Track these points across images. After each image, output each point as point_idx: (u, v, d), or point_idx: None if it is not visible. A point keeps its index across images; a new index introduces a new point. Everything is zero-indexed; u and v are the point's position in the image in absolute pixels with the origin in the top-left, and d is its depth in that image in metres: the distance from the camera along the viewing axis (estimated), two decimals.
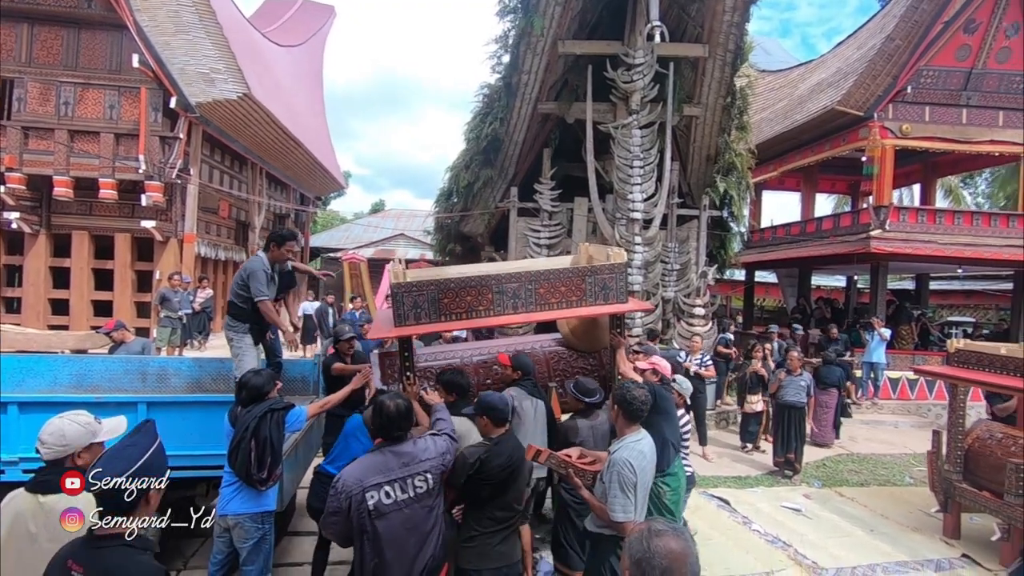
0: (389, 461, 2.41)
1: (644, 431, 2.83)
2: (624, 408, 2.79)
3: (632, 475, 2.61)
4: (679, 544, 1.35)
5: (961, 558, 4.82)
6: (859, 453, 8.04)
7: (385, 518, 2.33)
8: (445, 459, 2.54)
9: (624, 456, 2.67)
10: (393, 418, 2.47)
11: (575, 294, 3.67)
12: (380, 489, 2.33)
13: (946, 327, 16.56)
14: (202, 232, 13.02)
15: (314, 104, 21.54)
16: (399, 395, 2.60)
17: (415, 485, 2.40)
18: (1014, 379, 4.71)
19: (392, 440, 2.49)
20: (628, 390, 2.82)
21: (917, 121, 11.08)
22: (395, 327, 3.43)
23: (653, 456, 2.81)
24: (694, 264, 9.75)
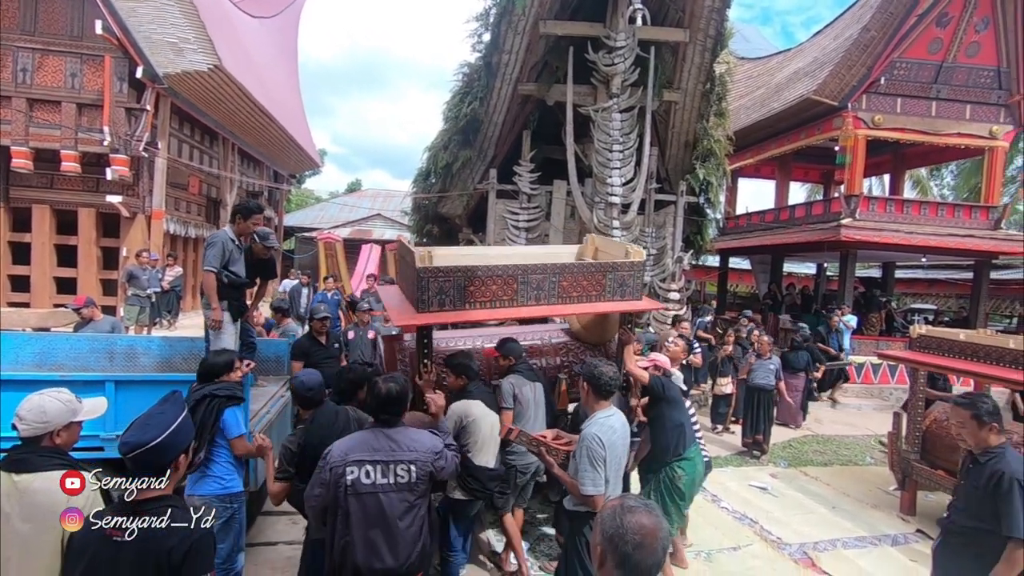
0: (377, 441, 2.39)
1: (615, 408, 2.83)
2: (593, 384, 2.78)
3: (601, 449, 2.61)
4: (651, 520, 1.37)
5: (916, 533, 5.06)
6: (824, 435, 8.33)
7: (360, 498, 2.30)
8: (436, 461, 2.45)
9: (593, 431, 2.68)
10: (384, 400, 2.44)
11: (595, 289, 3.72)
12: (361, 466, 2.32)
13: (910, 314, 17.15)
14: (171, 208, 12.65)
15: (288, 79, 20.95)
16: (393, 377, 2.57)
17: (397, 472, 2.35)
18: (971, 363, 4.92)
19: (382, 422, 2.46)
20: (596, 367, 2.81)
21: (889, 112, 11.31)
22: (418, 313, 3.30)
23: (625, 431, 2.82)
24: (670, 249, 9.84)
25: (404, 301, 3.66)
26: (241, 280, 4.21)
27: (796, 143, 12.98)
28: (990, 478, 2.58)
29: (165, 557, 1.62)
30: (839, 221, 10.98)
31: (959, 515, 2.74)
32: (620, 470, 2.78)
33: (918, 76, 11.32)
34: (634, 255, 3.77)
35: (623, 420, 2.83)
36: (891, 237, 10.81)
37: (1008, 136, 11.69)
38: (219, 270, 4.04)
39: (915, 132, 11.47)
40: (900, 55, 11.11)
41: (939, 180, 27.22)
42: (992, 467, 2.60)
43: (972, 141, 11.67)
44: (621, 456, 2.77)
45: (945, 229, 11.30)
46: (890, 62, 11.09)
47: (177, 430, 1.78)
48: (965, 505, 2.73)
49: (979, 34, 11.09)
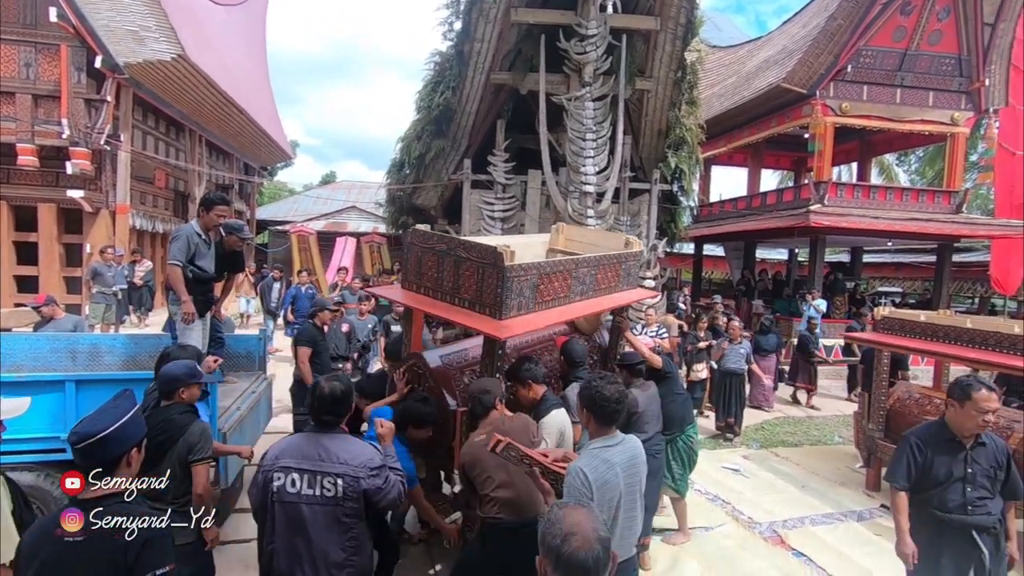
0: (309, 448, 2.24)
1: (623, 436, 2.33)
2: (594, 410, 2.30)
3: (584, 488, 2.09)
4: (583, 515, 1.30)
5: (880, 508, 5.24)
6: (794, 416, 8.54)
7: (284, 506, 2.19)
8: (371, 479, 2.22)
9: (579, 465, 2.17)
10: (326, 400, 2.29)
11: (615, 280, 3.66)
12: (288, 474, 2.19)
13: (877, 297, 17.63)
14: (136, 203, 12.30)
15: (256, 68, 20.45)
16: (339, 377, 2.42)
17: (323, 484, 2.18)
18: (931, 343, 5.08)
19: (322, 425, 2.32)
20: (598, 389, 2.28)
21: (855, 100, 11.54)
22: (503, 319, 2.85)
23: (633, 463, 2.30)
24: (645, 237, 9.92)
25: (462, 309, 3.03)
26: (207, 275, 4.13)
27: (767, 131, 13.17)
28: None
29: (121, 554, 1.60)
30: (808, 207, 11.20)
31: None
32: (624, 510, 2.24)
33: (883, 64, 11.55)
34: (635, 245, 3.80)
35: (630, 450, 2.31)
36: (858, 222, 11.07)
37: (969, 122, 12.02)
38: (184, 264, 3.96)
39: (880, 119, 11.73)
40: (866, 43, 11.31)
41: (906, 166, 27.96)
42: None
43: (935, 128, 11.98)
44: (623, 494, 2.23)
45: (909, 214, 11.62)
46: (856, 50, 11.29)
47: (128, 423, 1.77)
48: None
49: (941, 22, 11.35)
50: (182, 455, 2.57)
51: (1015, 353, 4.34)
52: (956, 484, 2.80)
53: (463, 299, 3.03)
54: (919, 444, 2.89)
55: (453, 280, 3.05)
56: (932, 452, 2.84)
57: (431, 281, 3.13)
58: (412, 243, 3.14)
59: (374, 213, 19.96)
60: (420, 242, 3.17)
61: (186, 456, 2.57)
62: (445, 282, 3.08)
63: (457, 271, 3.01)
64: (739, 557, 4.24)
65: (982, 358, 4.64)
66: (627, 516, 2.26)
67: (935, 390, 5.83)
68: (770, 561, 4.21)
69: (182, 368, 2.82)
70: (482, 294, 2.93)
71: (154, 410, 2.74)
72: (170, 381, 2.76)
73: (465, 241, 3.04)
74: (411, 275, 3.22)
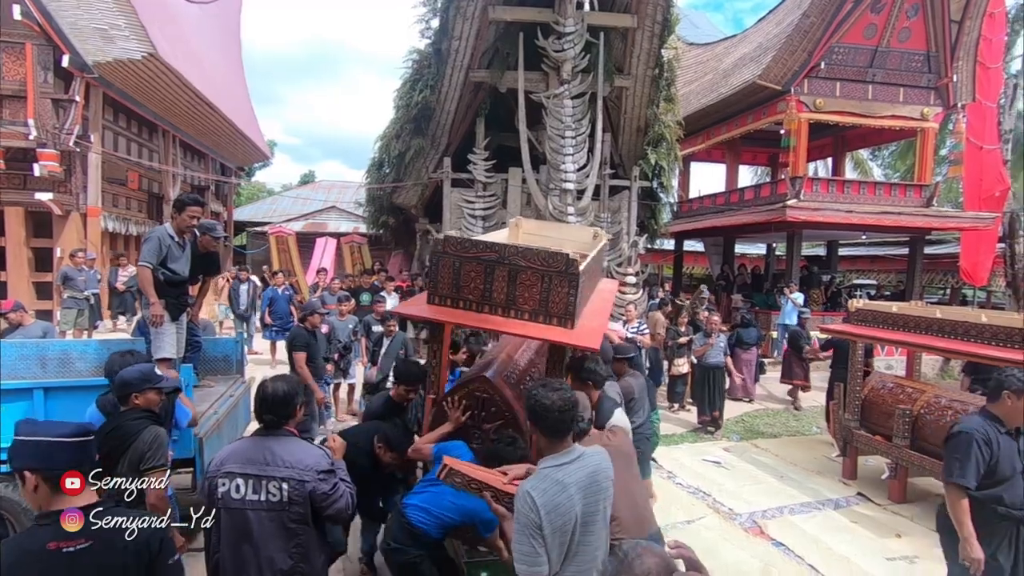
0: (254, 452, 2.18)
1: (581, 451, 2.07)
2: (536, 421, 2.03)
3: (532, 513, 1.88)
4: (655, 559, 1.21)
5: (856, 496, 5.36)
6: (774, 408, 8.69)
7: (230, 513, 2.14)
8: (318, 483, 2.15)
9: (526, 488, 1.94)
10: (263, 401, 2.22)
11: (600, 273, 3.63)
12: (232, 479, 2.13)
13: (853, 289, 17.99)
14: (108, 205, 12.02)
15: (231, 67, 20.11)
16: (285, 377, 2.34)
17: (268, 489, 2.11)
18: (903, 333, 5.20)
19: (266, 427, 2.26)
20: (537, 397, 2.02)
21: (829, 96, 11.74)
22: (573, 330, 2.71)
23: (594, 481, 2.03)
24: (625, 234, 9.99)
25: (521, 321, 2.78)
26: (180, 278, 4.05)
27: (744, 127, 13.33)
28: None
29: (144, 552, 1.60)
30: (785, 202, 11.37)
31: None
32: (581, 535, 1.98)
33: (855, 61, 11.76)
34: (602, 236, 3.79)
35: (590, 467, 2.03)
36: (833, 216, 11.27)
37: (938, 117, 12.30)
38: (155, 266, 3.89)
39: (853, 115, 11.94)
40: (838, 40, 11.51)
41: (880, 161, 28.55)
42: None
43: (905, 123, 12.24)
44: (580, 518, 1.96)
45: (882, 207, 11.86)
46: (829, 47, 11.48)
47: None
48: None
49: (910, 20, 11.59)
50: (133, 463, 2.49)
51: (981, 342, 4.46)
52: (1017, 478, 2.70)
53: (522, 310, 2.79)
54: (983, 440, 2.72)
55: (507, 291, 2.79)
56: (996, 448, 2.71)
57: (475, 293, 2.82)
58: (445, 252, 2.78)
59: (354, 213, 19.80)
60: (457, 251, 2.81)
61: (138, 464, 2.49)
62: (496, 294, 2.80)
63: (513, 281, 2.77)
64: (720, 548, 4.30)
65: (951, 347, 4.76)
66: (585, 542, 1.98)
67: (908, 379, 5.98)
68: (750, 551, 4.28)
69: (134, 373, 2.74)
70: (549, 304, 2.75)
71: (108, 417, 2.67)
72: (122, 386, 2.69)
73: (524, 248, 2.80)
74: (444, 288, 2.84)
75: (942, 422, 4.98)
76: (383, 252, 15.94)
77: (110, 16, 10.05)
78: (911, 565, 4.17)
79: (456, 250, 2.81)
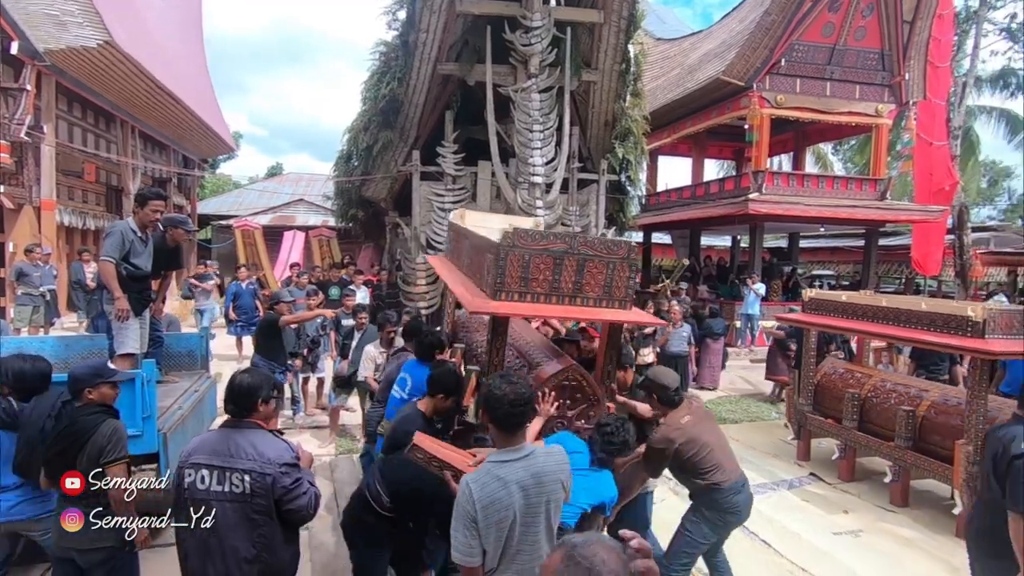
0: (220, 444, 2.22)
1: (531, 449, 2.06)
2: (488, 412, 2.05)
3: (468, 505, 1.92)
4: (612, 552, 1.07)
5: (809, 476, 5.64)
6: (736, 395, 9.00)
7: (196, 504, 2.18)
8: (279, 477, 2.17)
9: (467, 479, 1.99)
10: (229, 390, 2.27)
11: None
12: (198, 470, 2.18)
13: (813, 280, 18.63)
14: (64, 198, 11.63)
15: (193, 55, 19.53)
16: (254, 371, 2.39)
17: (232, 481, 2.16)
18: (852, 321, 5.47)
19: (233, 418, 2.30)
20: (492, 388, 2.05)
21: (789, 92, 12.10)
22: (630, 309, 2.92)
23: (536, 484, 2.00)
24: (594, 227, 10.14)
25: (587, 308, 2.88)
26: (142, 272, 4.01)
27: (709, 122, 13.64)
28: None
29: None
30: (747, 196, 11.70)
31: None
32: (520, 533, 1.97)
33: (814, 58, 12.15)
34: (540, 224, 3.85)
35: (537, 467, 2.01)
36: (792, 209, 11.66)
37: (891, 114, 12.82)
38: (117, 261, 3.84)
39: (812, 111, 12.35)
40: (798, 38, 11.86)
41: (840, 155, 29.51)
42: None
43: (861, 119, 12.71)
44: (519, 516, 1.96)
45: (839, 201, 12.32)
46: (789, 44, 11.82)
47: None
48: None
49: (865, 19, 12.02)
50: (93, 457, 2.48)
51: (923, 328, 4.74)
52: None
53: (587, 297, 2.89)
54: None
55: (575, 280, 2.88)
56: None
57: (543, 285, 2.86)
58: (515, 245, 2.76)
59: (323, 206, 19.52)
60: (528, 243, 2.80)
61: (97, 458, 2.48)
62: (564, 284, 2.87)
63: (581, 270, 2.86)
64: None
65: (896, 334, 5.04)
66: (525, 541, 1.97)
67: (857, 365, 6.29)
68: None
69: (85, 369, 2.74)
70: (612, 289, 2.90)
71: (61, 412, 2.65)
72: (73, 382, 2.67)
73: (589, 239, 2.95)
74: (513, 283, 2.82)
75: (887, 404, 5.28)
76: (353, 245, 15.79)
77: (62, 2, 9.69)
78: (855, 539, 4.44)
79: (527, 242, 2.81)
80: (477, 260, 3.16)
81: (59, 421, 2.68)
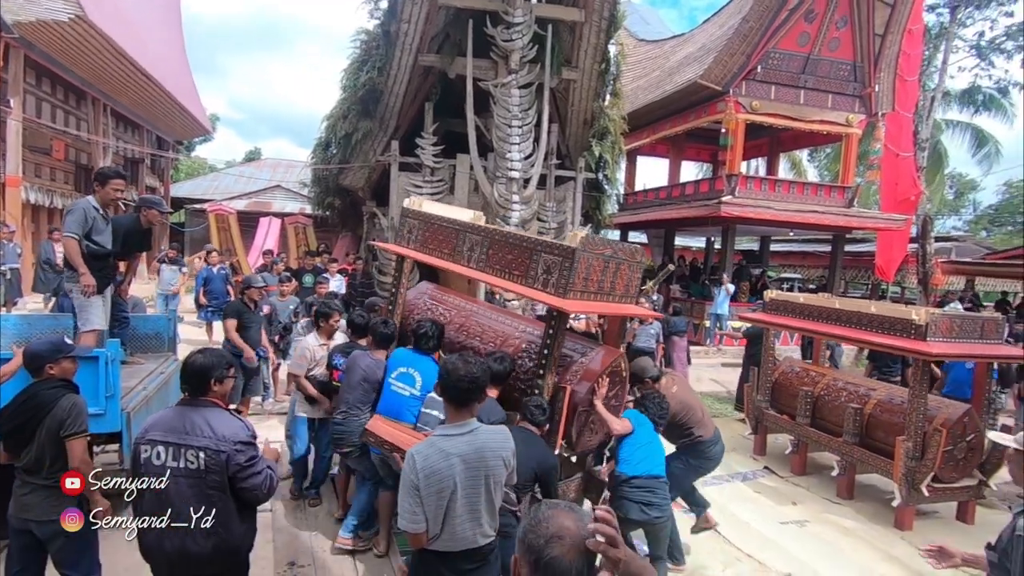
0: (176, 421, 2.28)
1: (476, 426, 2.18)
2: (445, 387, 2.19)
3: (412, 474, 2.07)
4: (571, 520, 1.17)
5: (763, 469, 5.87)
6: (701, 392, 9.22)
7: (151, 478, 2.23)
8: (234, 454, 2.23)
9: (413, 450, 2.15)
10: (183, 371, 2.33)
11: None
12: (154, 446, 2.23)
13: (783, 283, 19.09)
14: (31, 175, 11.34)
15: (170, 35, 19.10)
16: (208, 351, 2.44)
17: (187, 457, 2.21)
18: (808, 322, 5.70)
19: (185, 395, 2.36)
20: (451, 365, 2.18)
21: (764, 98, 12.37)
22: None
23: (478, 459, 2.13)
24: (570, 223, 10.28)
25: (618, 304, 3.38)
26: (104, 251, 3.99)
27: (686, 124, 13.86)
28: None
29: None
30: (720, 198, 11.96)
31: None
32: (462, 502, 2.11)
33: (789, 66, 12.44)
34: (480, 217, 4.04)
35: (480, 442, 2.14)
36: (764, 213, 11.96)
37: (861, 124, 13.19)
38: (80, 237, 3.82)
39: (786, 118, 12.64)
40: (774, 46, 12.13)
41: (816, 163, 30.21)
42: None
43: (832, 128, 13.06)
44: (460, 487, 2.09)
45: (809, 206, 12.67)
46: (765, 52, 12.09)
47: None
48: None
49: (839, 31, 12.35)
50: (52, 431, 2.51)
51: (872, 330, 4.98)
52: None
53: (616, 295, 3.40)
54: None
55: (612, 280, 3.34)
56: None
57: (595, 285, 3.23)
58: (585, 251, 3.06)
59: (300, 193, 19.31)
60: (592, 249, 3.14)
61: (57, 432, 2.51)
62: (606, 283, 3.30)
63: (616, 271, 3.34)
64: None
65: (847, 335, 5.28)
66: (468, 509, 2.14)
67: (813, 365, 6.54)
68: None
69: (44, 344, 2.77)
70: (629, 288, 3.50)
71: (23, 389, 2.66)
72: (33, 358, 2.69)
73: (624, 245, 3.38)
74: (580, 284, 3.11)
75: (837, 402, 5.53)
76: (329, 234, 15.69)
77: None
78: (801, 528, 4.66)
79: (592, 248, 3.15)
80: (510, 258, 3.34)
81: (15, 397, 2.69)
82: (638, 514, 3.41)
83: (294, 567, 3.72)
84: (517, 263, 3.28)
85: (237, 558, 2.39)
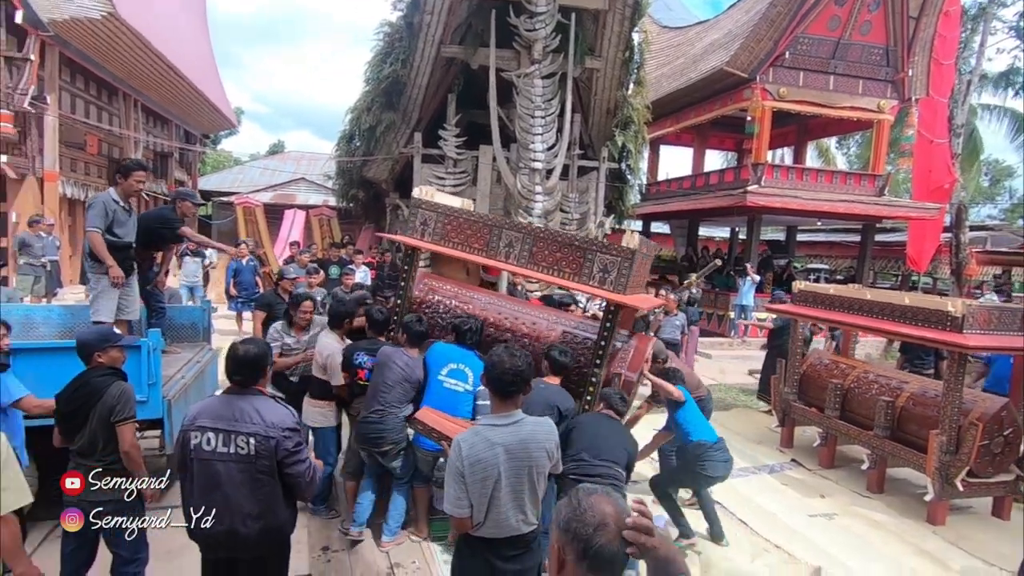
0: (224, 409, 2.34)
1: (521, 417, 2.26)
2: (490, 378, 2.26)
3: (458, 461, 2.15)
4: (612, 506, 1.20)
5: (790, 462, 5.81)
6: (727, 383, 9.17)
7: (202, 463, 2.31)
8: (283, 441, 2.31)
9: (459, 438, 2.24)
10: (232, 360, 2.39)
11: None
12: (204, 433, 2.30)
13: (809, 274, 18.73)
14: (67, 170, 11.68)
15: (197, 29, 19.39)
16: (255, 340, 2.50)
17: (237, 444, 2.28)
18: (839, 313, 5.60)
19: (236, 385, 2.41)
20: (496, 357, 2.25)
21: (792, 85, 12.09)
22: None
23: (522, 448, 2.20)
24: (593, 214, 10.25)
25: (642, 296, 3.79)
26: (124, 242, 4.09)
27: (711, 113, 13.64)
28: None
29: None
30: (746, 188, 11.76)
31: None
32: (505, 491, 2.18)
33: (818, 52, 12.12)
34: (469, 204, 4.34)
35: (525, 433, 2.22)
36: (791, 202, 11.73)
37: (893, 110, 12.82)
38: (102, 231, 3.94)
39: (815, 105, 12.34)
40: (803, 31, 11.82)
41: (846, 150, 29.42)
42: None
43: (863, 114, 12.72)
44: (504, 476, 2.16)
45: (837, 195, 12.39)
46: (794, 37, 11.79)
47: None
48: None
49: (871, 14, 11.98)
50: (103, 417, 2.63)
51: (905, 322, 4.87)
52: None
53: (640, 287, 3.77)
54: None
55: (641, 274, 3.67)
56: None
57: (636, 279, 3.53)
58: (642, 252, 3.42)
59: (324, 186, 19.53)
60: (643, 250, 3.51)
61: (108, 417, 2.63)
62: (639, 277, 3.67)
63: (642, 267, 3.61)
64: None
65: (879, 326, 5.18)
66: (513, 498, 2.20)
67: (843, 357, 6.44)
68: (689, 510, 4.65)
69: (93, 334, 2.90)
70: (644, 279, 3.85)
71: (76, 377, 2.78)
72: (83, 347, 2.81)
73: (642, 239, 3.56)
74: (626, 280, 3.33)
75: (868, 395, 5.44)
76: (353, 226, 15.86)
77: None
78: (829, 521, 4.62)
79: (646, 251, 3.63)
80: (559, 255, 3.49)
81: (68, 385, 2.81)
82: (724, 470, 3.97)
83: (328, 551, 3.82)
84: (567, 261, 3.43)
85: (281, 541, 2.49)
